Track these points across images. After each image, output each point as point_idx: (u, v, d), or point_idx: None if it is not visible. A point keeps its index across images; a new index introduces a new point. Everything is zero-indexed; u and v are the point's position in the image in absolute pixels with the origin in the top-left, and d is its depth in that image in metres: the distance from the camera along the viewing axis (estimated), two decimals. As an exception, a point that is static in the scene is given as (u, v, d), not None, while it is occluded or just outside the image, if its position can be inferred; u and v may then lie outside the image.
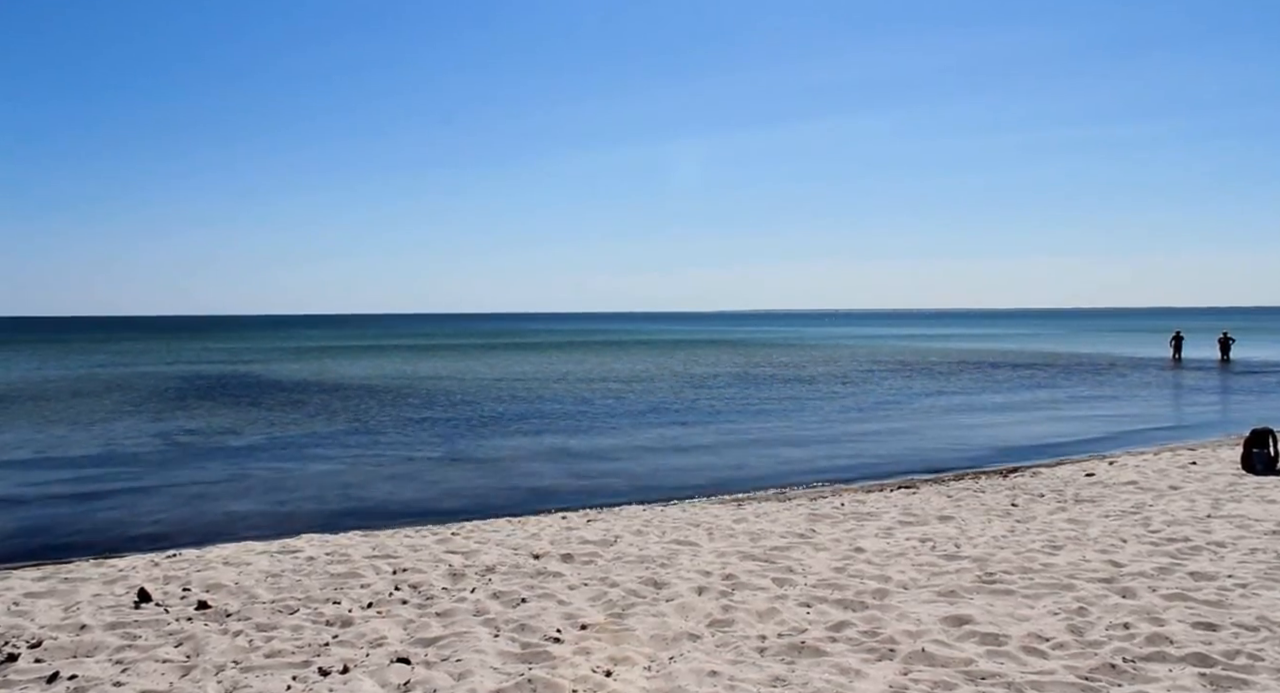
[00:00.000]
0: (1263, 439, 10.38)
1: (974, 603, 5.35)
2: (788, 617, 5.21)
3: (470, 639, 4.89)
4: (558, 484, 12.74)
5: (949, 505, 8.91)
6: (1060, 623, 4.92)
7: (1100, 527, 7.46)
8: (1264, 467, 10.12)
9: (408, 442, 16.99)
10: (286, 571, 6.58)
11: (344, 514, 10.72)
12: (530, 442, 17.00)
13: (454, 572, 6.48)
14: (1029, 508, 8.54)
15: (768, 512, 9.02)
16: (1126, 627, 4.81)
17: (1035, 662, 4.40)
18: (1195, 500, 8.51)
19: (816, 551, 6.91)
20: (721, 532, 7.84)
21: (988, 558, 6.42)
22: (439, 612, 5.45)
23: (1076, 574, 5.91)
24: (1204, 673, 4.13)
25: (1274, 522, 7.29)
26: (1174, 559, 6.24)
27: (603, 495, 11.64)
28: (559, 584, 6.09)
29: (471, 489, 12.41)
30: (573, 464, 14.44)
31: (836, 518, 8.35)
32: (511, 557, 6.95)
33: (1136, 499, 8.77)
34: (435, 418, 20.88)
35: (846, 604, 5.43)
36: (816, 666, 4.45)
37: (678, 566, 6.55)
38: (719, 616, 5.28)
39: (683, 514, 9.10)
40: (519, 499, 11.55)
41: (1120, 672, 4.21)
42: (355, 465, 14.35)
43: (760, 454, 15.30)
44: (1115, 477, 10.47)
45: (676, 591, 5.83)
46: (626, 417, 21.11)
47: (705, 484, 12.47)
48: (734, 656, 4.63)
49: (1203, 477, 10.09)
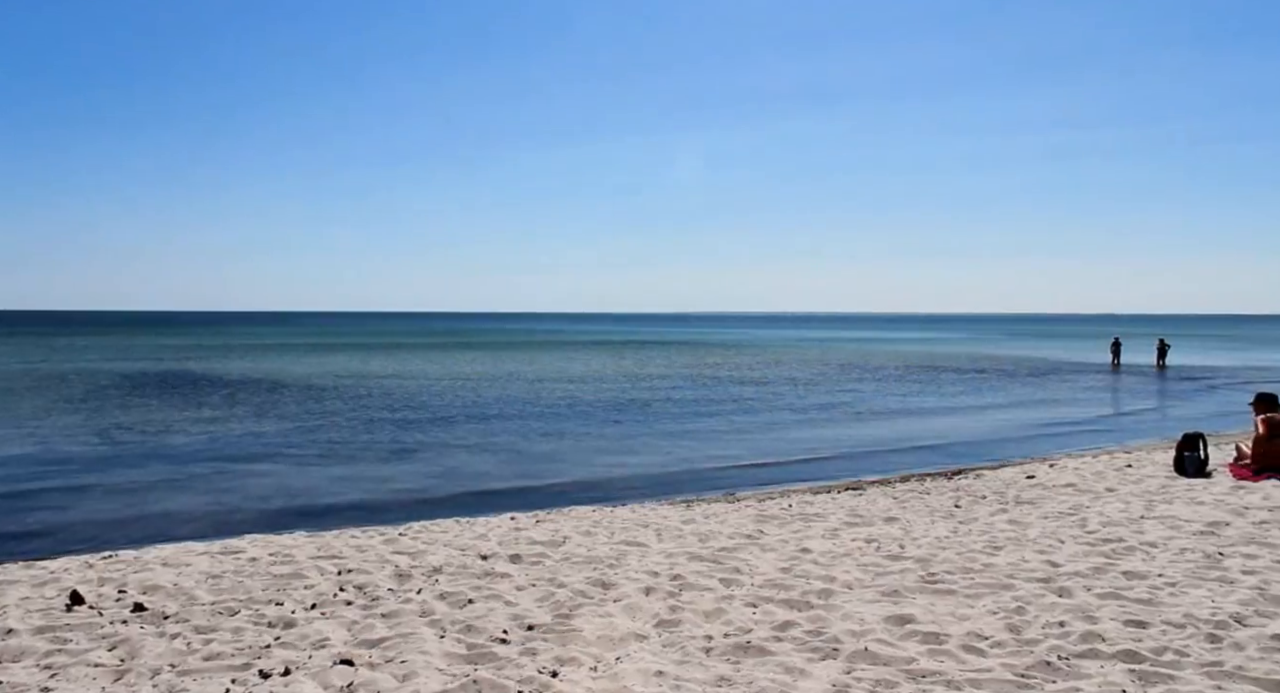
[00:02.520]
0: (1193, 443, 10.71)
1: (916, 603, 5.44)
2: (734, 617, 5.25)
3: (415, 640, 4.85)
4: (507, 485, 12.68)
5: (894, 507, 9.05)
6: (999, 622, 5.03)
7: (1039, 528, 7.63)
8: (1194, 470, 10.44)
9: (355, 441, 16.77)
10: (228, 572, 6.46)
11: (288, 514, 10.55)
12: (479, 442, 16.89)
13: (400, 573, 6.41)
14: (971, 509, 8.71)
15: (716, 513, 9.08)
16: (1062, 625, 4.93)
17: (974, 660, 4.49)
18: (1130, 502, 8.75)
19: (764, 551, 6.97)
20: (670, 533, 7.87)
21: (931, 558, 6.54)
22: (384, 613, 5.39)
23: (1016, 574, 6.04)
24: (1133, 669, 4.26)
25: (1202, 523, 7.53)
26: (1108, 559, 6.41)
27: (552, 496, 11.62)
28: (506, 585, 6.06)
29: (419, 490, 12.29)
30: (522, 465, 14.38)
31: (784, 519, 8.44)
32: (459, 557, 6.90)
33: (1074, 501, 8.99)
34: (383, 417, 20.64)
35: (792, 604, 5.49)
36: (762, 665, 4.49)
37: (626, 566, 6.56)
38: (666, 616, 5.30)
39: (632, 515, 9.12)
40: (467, 500, 11.48)
41: (1055, 669, 4.32)
42: (301, 465, 14.12)
43: (710, 455, 15.38)
44: (1055, 479, 10.73)
45: (624, 591, 5.84)
46: (577, 417, 21.08)
47: (655, 485, 12.51)
48: (680, 656, 4.65)
49: (1137, 479, 10.37)
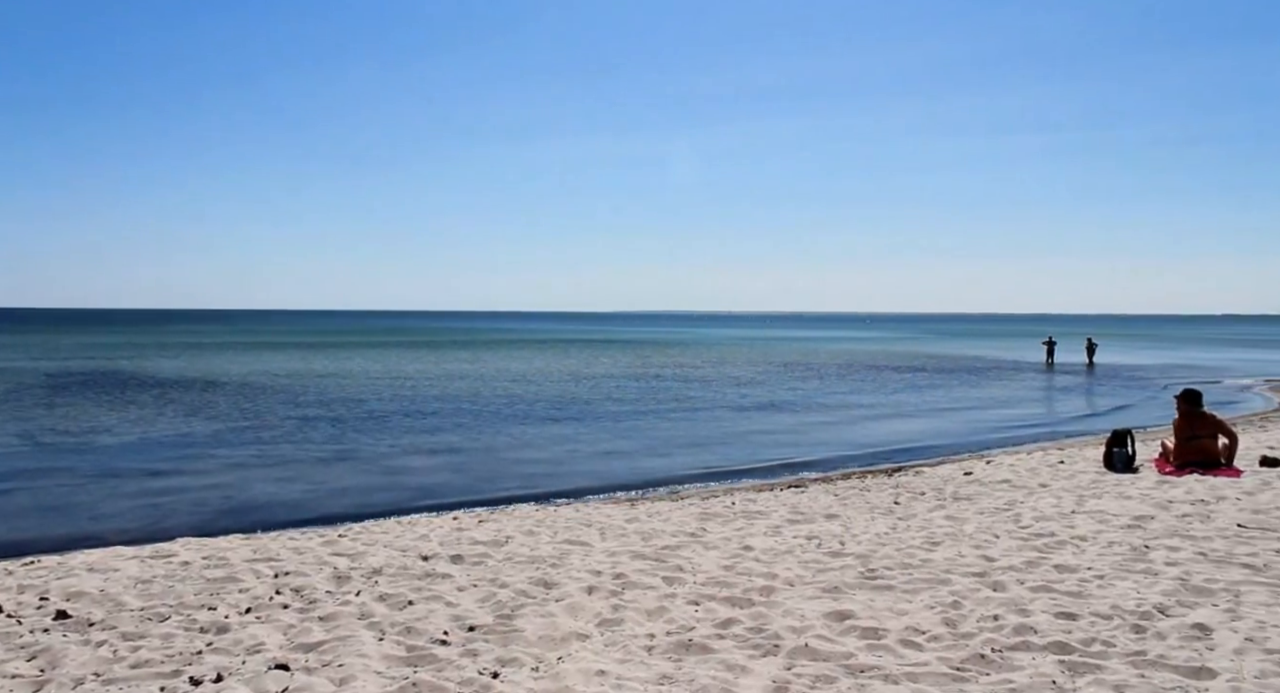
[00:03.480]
0: (1122, 439, 11.04)
1: (856, 598, 5.51)
2: (676, 615, 5.26)
3: (354, 643, 4.77)
4: (449, 485, 12.55)
5: (835, 504, 9.17)
6: (936, 616, 5.11)
7: (976, 523, 7.79)
8: (1123, 465, 10.76)
9: (293, 441, 16.44)
10: (158, 576, 6.28)
11: (223, 516, 10.31)
12: (422, 441, 16.69)
13: (339, 574, 6.30)
14: (910, 506, 8.86)
15: (660, 511, 9.10)
16: (996, 619, 5.03)
17: (911, 654, 4.56)
18: (1062, 497, 8.98)
19: (706, 549, 7.00)
20: (613, 531, 7.86)
21: (870, 554, 6.63)
22: (322, 616, 5.29)
23: (952, 569, 6.15)
24: (1063, 660, 4.37)
25: (1130, 517, 7.76)
26: (1040, 553, 6.57)
27: (495, 496, 11.53)
28: (448, 586, 6.00)
29: (360, 490, 12.11)
30: (465, 464, 14.25)
31: (727, 517, 8.49)
32: (399, 558, 6.81)
33: (1009, 496, 9.19)
34: (324, 417, 20.27)
35: (734, 602, 5.52)
36: (703, 663, 4.50)
37: (569, 565, 6.54)
38: (608, 615, 5.29)
39: (575, 514, 9.09)
40: (409, 500, 11.33)
41: (989, 662, 4.41)
42: (237, 466, 13.80)
43: (654, 454, 15.42)
44: (991, 475, 10.96)
45: (567, 591, 5.82)
46: (521, 416, 20.96)
47: (599, 484, 12.49)
48: (622, 655, 4.65)
49: (1069, 475, 10.65)
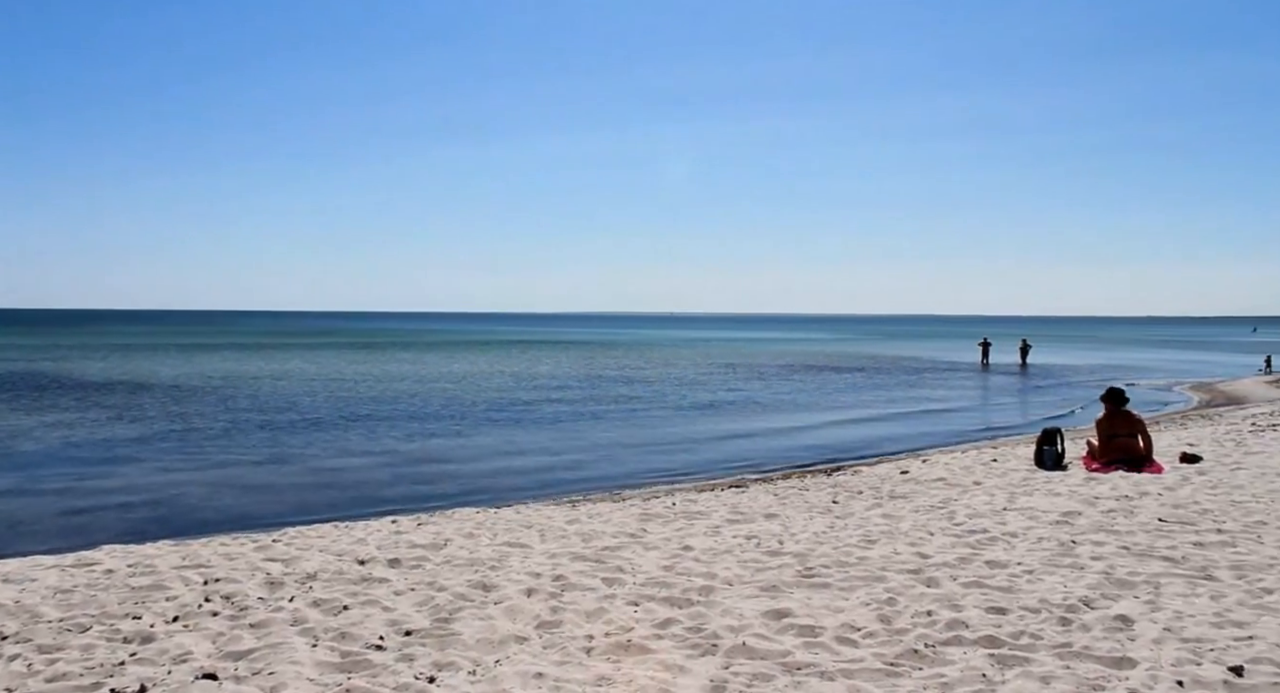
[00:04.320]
0: (1051, 438, 11.34)
1: (794, 597, 5.56)
2: (615, 616, 5.25)
3: (286, 650, 4.66)
4: (388, 488, 12.38)
5: (775, 504, 9.25)
6: (871, 613, 5.18)
7: (911, 521, 7.92)
8: (1052, 463, 11.05)
9: (226, 445, 16.05)
10: (79, 586, 6.06)
11: (152, 523, 10.02)
12: (360, 444, 16.43)
13: (272, 580, 6.15)
14: (848, 505, 8.97)
15: (601, 512, 9.08)
16: (929, 614, 5.12)
17: (847, 651, 4.61)
18: (994, 495, 9.18)
19: (646, 550, 7.00)
20: (554, 533, 7.82)
21: (808, 553, 6.70)
22: (253, 623, 5.16)
23: (888, 566, 6.24)
24: (993, 654, 4.46)
25: (1058, 513, 7.96)
26: (973, 549, 6.70)
27: (435, 498, 11.41)
28: (384, 590, 5.90)
29: (296, 494, 11.87)
30: (405, 467, 14.07)
31: (667, 517, 8.50)
32: (335, 563, 6.68)
33: (944, 494, 9.37)
34: (258, 420, 19.83)
35: (673, 602, 5.53)
36: (642, 663, 4.50)
37: (508, 568, 6.48)
38: (547, 617, 5.25)
39: (516, 516, 9.02)
40: (347, 504, 11.15)
41: (922, 656, 4.49)
42: (166, 471, 13.43)
43: (596, 455, 15.40)
44: (927, 473, 11.16)
45: (505, 593, 5.77)
46: (462, 418, 20.76)
47: (540, 485, 12.44)
48: (561, 656, 4.62)
49: (1002, 473, 10.89)
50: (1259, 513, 7.72)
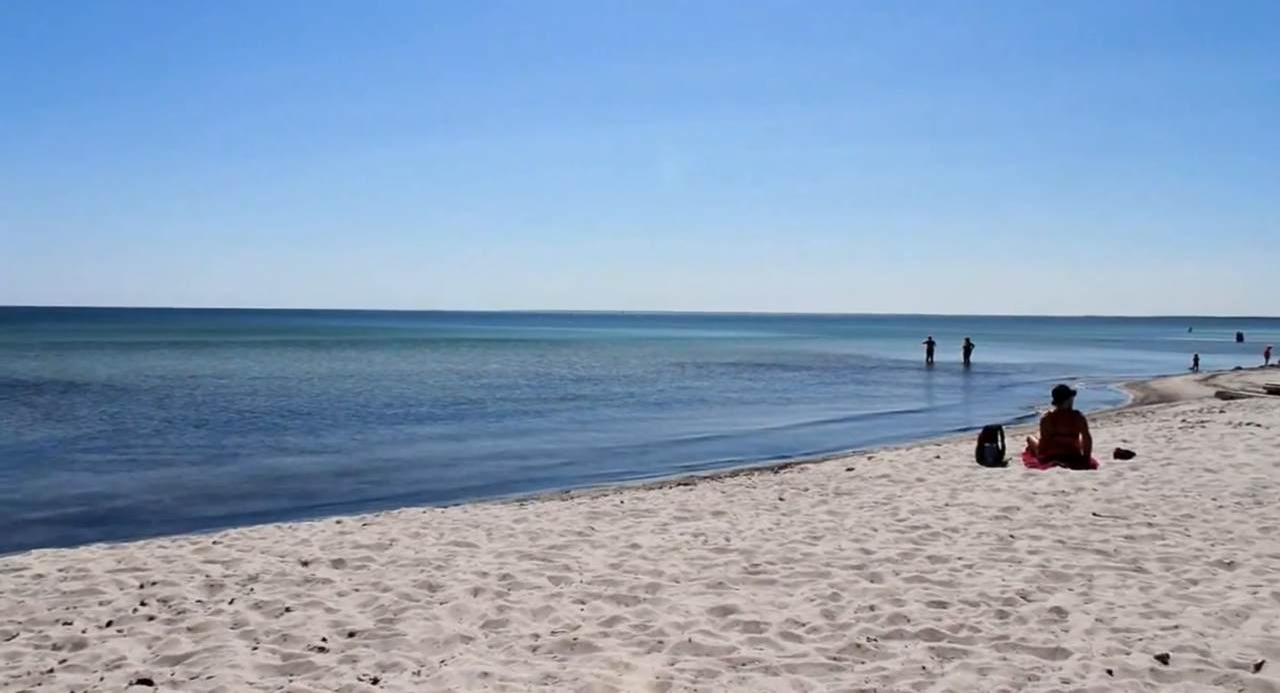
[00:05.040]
0: (992, 434, 11.59)
1: (739, 593, 5.61)
2: (562, 614, 5.25)
3: (225, 654, 4.57)
4: (333, 488, 12.21)
5: (722, 501, 9.31)
6: (815, 609, 5.25)
7: (855, 517, 8.04)
8: (993, 459, 11.30)
9: (164, 445, 15.67)
10: (6, 591, 5.87)
11: (86, 525, 9.74)
12: (304, 443, 16.16)
13: (211, 583, 6.02)
14: (794, 502, 9.07)
15: (549, 511, 9.06)
16: (872, 609, 5.20)
17: (791, 646, 4.67)
18: (936, 491, 9.35)
19: (594, 548, 7.01)
20: (501, 532, 7.78)
21: (754, 550, 6.76)
22: (191, 627, 5.05)
23: (832, 562, 6.33)
24: (933, 647, 4.55)
25: (998, 508, 8.15)
26: (915, 545, 6.82)
27: (381, 498, 11.27)
28: (328, 591, 5.82)
29: (237, 495, 11.65)
30: (350, 466, 13.88)
31: (616, 515, 8.51)
32: (278, 564, 6.56)
33: (888, 491, 9.52)
34: (198, 419, 19.39)
35: (620, 600, 5.54)
36: (588, 661, 4.50)
37: (454, 567, 6.44)
38: (494, 616, 5.23)
39: (463, 515, 8.96)
40: (291, 504, 10.97)
41: (864, 650, 4.56)
42: (101, 472, 13.07)
43: (545, 453, 15.35)
44: (871, 470, 11.33)
45: (451, 592, 5.73)
46: (408, 417, 20.55)
47: (488, 484, 12.37)
48: (507, 656, 4.60)
49: (944, 469, 11.10)
50: (1186, 507, 7.98)
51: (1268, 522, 7.29)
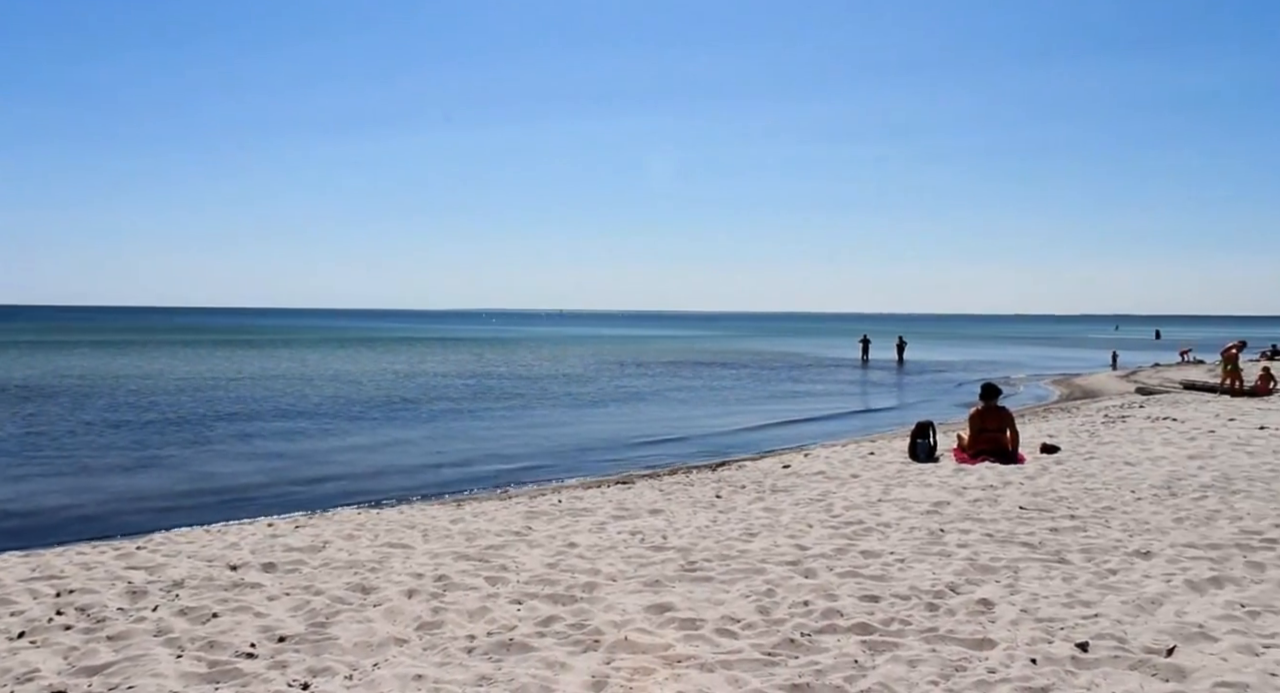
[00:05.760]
0: (924, 431, 11.84)
1: (676, 591, 5.64)
2: (498, 615, 5.21)
3: (147, 663, 4.44)
4: (266, 490, 11.93)
5: (660, 499, 9.34)
6: (750, 605, 5.30)
7: (791, 514, 8.13)
8: (925, 455, 11.54)
9: (87, 448, 15.14)
10: (-87, 602, 5.61)
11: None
12: (234, 445, 15.77)
13: (134, 590, 5.84)
14: (731, 499, 9.14)
15: (486, 511, 8.99)
16: (806, 604, 5.27)
17: (726, 642, 4.71)
18: (870, 487, 9.52)
19: (531, 548, 6.97)
20: (437, 533, 7.70)
21: (691, 548, 6.80)
22: (111, 635, 4.89)
23: (768, 559, 6.39)
24: (865, 640, 4.63)
25: (929, 503, 8.32)
26: (849, 540, 6.93)
27: (314, 500, 11.05)
28: (257, 596, 5.69)
29: (163, 499, 11.30)
30: (283, 468, 13.58)
31: (553, 515, 8.48)
32: (205, 569, 6.39)
33: (823, 487, 9.65)
34: (121, 421, 18.78)
35: (557, 599, 5.53)
36: (524, 661, 4.48)
37: (389, 569, 6.35)
38: (428, 618, 5.17)
39: (399, 516, 8.84)
40: (220, 507, 10.69)
41: (798, 645, 4.62)
42: (15, 478, 12.56)
43: (483, 453, 15.22)
44: (808, 467, 11.47)
45: (386, 595, 5.65)
46: (343, 417, 20.19)
47: (425, 485, 12.21)
48: (441, 658, 4.56)
49: (878, 466, 11.30)
50: (1107, 499, 8.26)
51: (1181, 512, 7.58)
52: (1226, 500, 8.02)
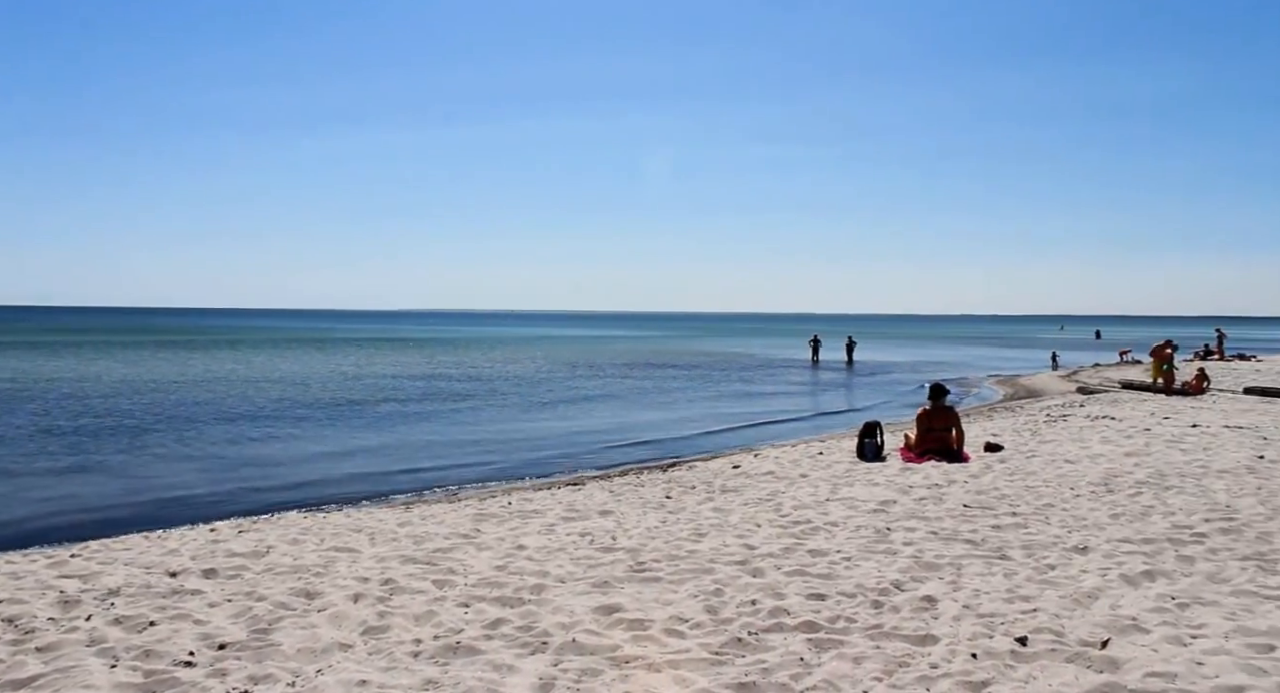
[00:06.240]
0: (871, 430, 12.00)
1: (625, 592, 5.64)
2: (445, 618, 5.16)
3: (79, 674, 4.31)
4: (208, 495, 11.67)
5: (610, 500, 9.34)
6: (699, 605, 5.32)
7: (740, 514, 8.18)
8: (872, 454, 11.70)
9: (16, 453, 14.66)
10: None
11: (-75, 540, 9.01)
12: (175, 449, 15.40)
13: (66, 599, 5.67)
14: (681, 499, 9.17)
15: (435, 514, 8.90)
16: (754, 603, 5.31)
17: (674, 642, 4.72)
18: (818, 486, 9.62)
19: (479, 550, 6.92)
20: (384, 536, 7.60)
21: (640, 548, 6.81)
22: (40, 646, 4.74)
23: (716, 558, 6.43)
24: (811, 638, 4.68)
25: (876, 502, 8.44)
26: (797, 539, 7.00)
27: (258, 504, 10.84)
28: (197, 602, 5.56)
29: (102, 505, 10.99)
30: (227, 472, 13.30)
31: (503, 516, 8.43)
32: (142, 576, 6.24)
33: (772, 487, 9.73)
34: (56, 425, 18.22)
35: (505, 601, 5.49)
36: (470, 665, 4.45)
37: (334, 573, 6.25)
38: (374, 622, 5.11)
39: (346, 520, 8.71)
40: (160, 513, 10.42)
41: (745, 644, 4.65)
42: (-55, 482, 12.13)
43: (433, 455, 15.07)
44: (757, 467, 11.55)
45: (330, 599, 5.57)
46: (290, 419, 19.84)
47: (373, 488, 12.05)
48: (387, 662, 4.50)
49: (826, 465, 11.42)
50: (1048, 496, 8.45)
51: (1117, 508, 7.79)
52: (1160, 496, 8.26)
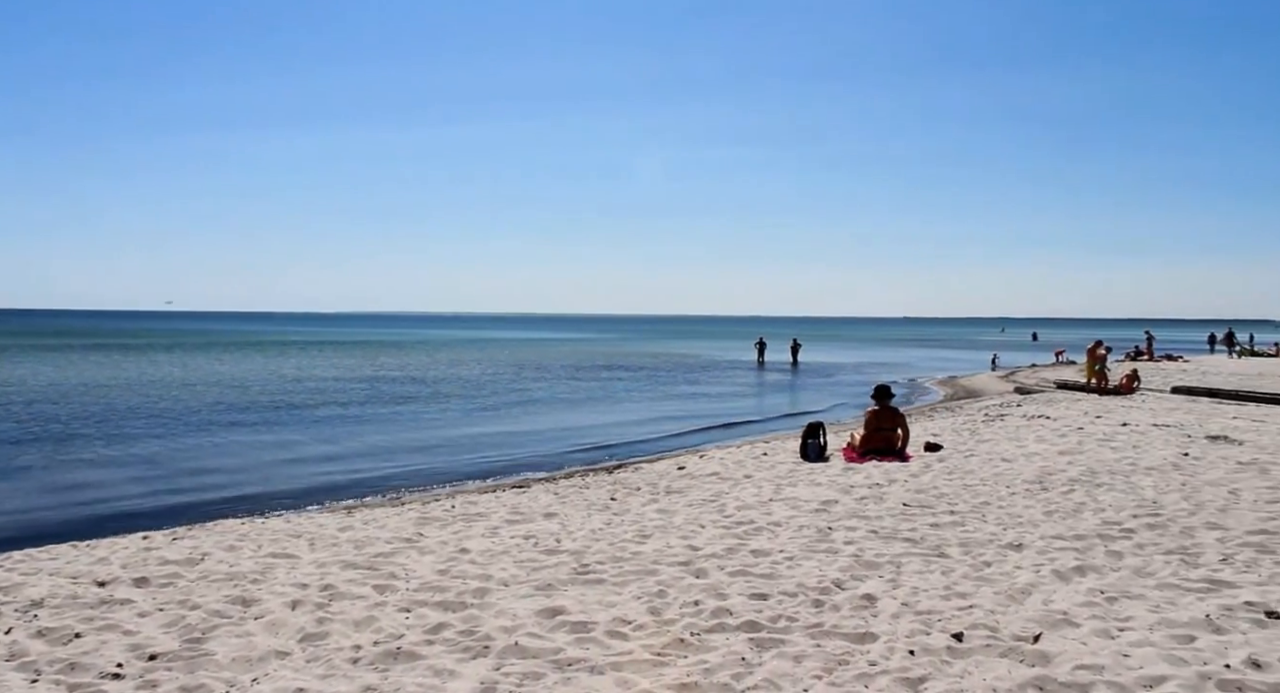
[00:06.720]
0: (814, 431, 12.14)
1: (568, 594, 5.62)
2: (386, 624, 5.10)
3: None
4: (141, 501, 11.36)
5: (555, 503, 9.30)
6: (642, 606, 5.33)
7: (684, 515, 8.21)
8: (815, 455, 11.84)
9: (-59, 458, 14.11)
10: None
11: None
12: (107, 455, 14.96)
13: (-14, 611, 5.47)
14: (626, 501, 9.18)
15: (377, 518, 8.77)
16: (697, 604, 5.33)
17: (617, 644, 4.72)
18: (762, 487, 9.69)
19: (422, 554, 6.84)
20: (324, 541, 7.47)
21: (584, 550, 6.79)
22: (-41, 661, 4.57)
23: (660, 560, 6.44)
24: (753, 638, 4.72)
25: (818, 502, 8.54)
26: (740, 540, 7.05)
27: (194, 510, 10.58)
28: (127, 612, 5.41)
29: (26, 513, 10.63)
30: (160, 477, 12.95)
31: (446, 520, 8.35)
32: (68, 587, 6.04)
33: (716, 488, 9.78)
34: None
35: (447, 606, 5.44)
36: (411, 670, 4.40)
37: (272, 580, 6.13)
38: (312, 629, 5.02)
39: (285, 525, 8.54)
40: (90, 521, 10.12)
41: (688, 645, 4.67)
42: None
43: (375, 458, 14.87)
44: (702, 468, 11.60)
45: (267, 607, 5.45)
46: (228, 424, 19.40)
47: (314, 493, 11.85)
48: (325, 670, 4.43)
49: (770, 466, 11.52)
50: (985, 495, 8.64)
51: (1051, 506, 7.99)
52: (1091, 494, 8.49)
